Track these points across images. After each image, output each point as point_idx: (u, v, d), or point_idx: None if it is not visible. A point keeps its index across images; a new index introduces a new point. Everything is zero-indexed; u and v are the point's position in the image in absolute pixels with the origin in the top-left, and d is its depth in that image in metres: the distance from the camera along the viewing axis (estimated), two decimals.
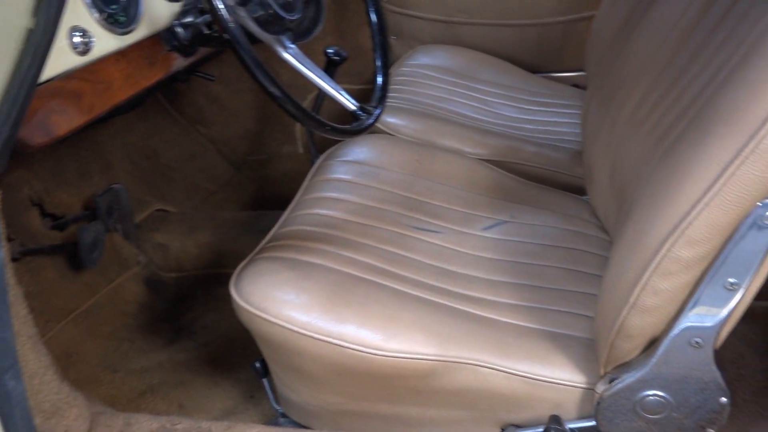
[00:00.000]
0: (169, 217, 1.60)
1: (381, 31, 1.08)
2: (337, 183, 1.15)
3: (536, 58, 1.83)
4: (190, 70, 1.36)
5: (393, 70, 1.63)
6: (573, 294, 0.96)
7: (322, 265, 0.93)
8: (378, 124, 1.35)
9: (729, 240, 0.64)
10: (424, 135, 1.33)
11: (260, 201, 1.84)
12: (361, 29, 1.93)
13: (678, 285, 0.67)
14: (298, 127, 2.02)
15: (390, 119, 1.35)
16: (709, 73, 0.78)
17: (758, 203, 0.62)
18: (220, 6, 0.71)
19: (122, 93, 0.92)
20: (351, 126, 0.93)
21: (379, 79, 1.05)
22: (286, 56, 0.96)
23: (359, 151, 1.22)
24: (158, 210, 1.63)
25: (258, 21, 0.90)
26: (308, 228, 1.03)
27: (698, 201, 0.62)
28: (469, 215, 1.12)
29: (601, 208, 1.10)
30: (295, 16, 0.93)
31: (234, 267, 0.96)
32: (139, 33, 0.94)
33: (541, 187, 1.22)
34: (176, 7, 0.97)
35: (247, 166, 1.95)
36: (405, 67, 1.63)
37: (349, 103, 0.99)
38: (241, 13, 0.87)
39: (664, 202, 0.66)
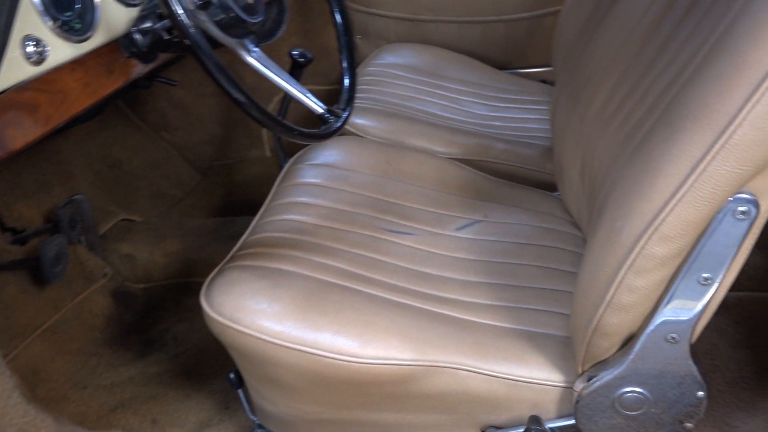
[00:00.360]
0: (134, 226, 1.56)
1: (346, 31, 1.06)
2: (307, 187, 1.13)
3: (503, 55, 1.83)
4: (151, 76, 1.33)
5: (359, 70, 1.62)
6: (548, 292, 0.96)
7: (295, 272, 0.91)
8: (346, 126, 1.33)
9: (702, 235, 0.64)
10: (393, 135, 1.31)
11: (229, 207, 1.81)
12: (326, 29, 1.91)
13: (653, 282, 0.67)
14: (264, 130, 2.00)
15: (358, 120, 1.34)
16: (675, 68, 0.78)
17: (730, 198, 0.62)
18: (179, 11, 0.69)
19: (80, 103, 0.89)
20: (319, 130, 0.91)
21: (346, 81, 1.03)
22: (250, 60, 0.94)
23: (328, 153, 1.21)
24: (123, 220, 1.59)
25: (219, 25, 0.87)
26: (279, 234, 1.01)
27: (671, 197, 0.62)
28: (442, 216, 1.12)
29: (573, 205, 1.10)
30: (257, 19, 0.91)
31: (204, 275, 0.94)
32: (96, 40, 0.91)
33: (512, 184, 1.22)
34: (134, 12, 0.94)
35: (214, 171, 1.92)
36: (371, 67, 1.61)
37: (317, 107, 0.97)
38: (202, 17, 0.85)
39: (637, 199, 0.66)
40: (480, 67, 1.68)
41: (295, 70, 1.21)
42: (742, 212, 0.63)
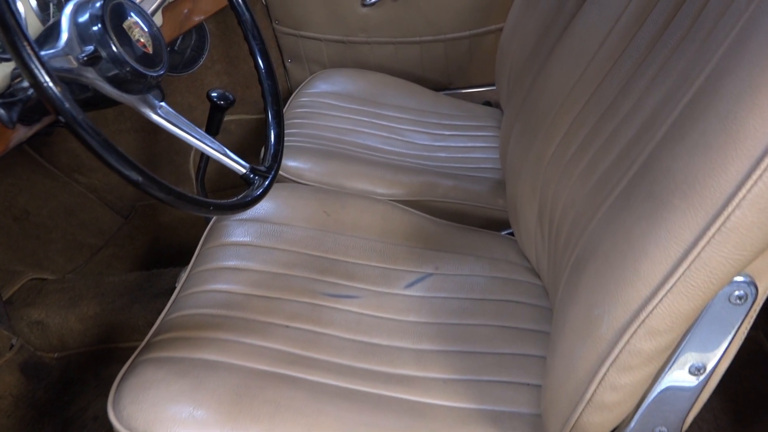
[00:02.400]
0: (45, 287, 1.39)
1: (270, 75, 0.93)
2: (235, 248, 1.00)
3: (443, 75, 1.74)
4: (50, 125, 1.16)
5: (290, 101, 1.49)
6: (510, 358, 0.86)
7: (221, 363, 0.78)
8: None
9: (694, 324, 0.55)
10: (331, 178, 1.19)
11: (155, 254, 1.65)
12: None
13: (639, 378, 0.57)
14: (192, 164, 1.84)
15: (291, 163, 1.21)
16: (644, 116, 0.69)
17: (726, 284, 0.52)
18: (45, 81, 0.55)
19: None
20: (239, 199, 0.78)
21: (272, 134, 0.90)
22: (155, 118, 0.80)
23: (259, 205, 1.08)
24: (32, 279, 1.41)
25: (113, 81, 0.73)
26: (202, 311, 0.88)
27: (659, 287, 0.52)
28: (389, 271, 1.00)
29: (530, 251, 1.01)
30: (159, 71, 0.77)
31: (125, 340, 0.80)
32: None
33: (462, 228, 1.12)
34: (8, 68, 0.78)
35: (138, 213, 1.75)
36: (304, 97, 1.49)
37: (238, 166, 0.84)
38: (89, 74, 0.71)
39: (617, 284, 0.56)
40: (420, 91, 1.58)
41: (215, 115, 1.08)
42: (739, 297, 0.54)
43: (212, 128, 1.14)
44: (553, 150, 0.90)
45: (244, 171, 0.84)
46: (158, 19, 1.15)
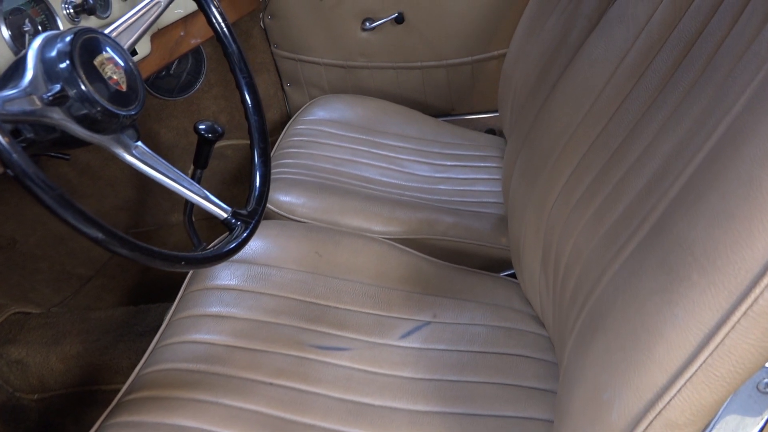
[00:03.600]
0: (29, 321, 1.33)
1: (257, 111, 0.88)
2: (219, 293, 0.94)
3: (445, 101, 1.69)
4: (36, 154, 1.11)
5: (286, 129, 1.44)
6: (513, 422, 0.79)
7: (198, 430, 0.72)
8: (269, 205, 1.15)
9: (717, 414, 0.48)
10: (325, 215, 1.13)
11: (146, 285, 1.59)
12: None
13: None
14: None
15: (283, 198, 1.15)
16: (654, 167, 0.63)
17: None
18: None
19: None
20: (215, 249, 0.73)
21: (258, 174, 0.85)
22: (129, 159, 0.75)
23: (246, 245, 1.02)
24: (16, 313, 1.36)
25: (82, 121, 0.68)
26: (180, 366, 0.82)
27: (677, 376, 0.46)
28: (383, 319, 0.94)
29: (534, 297, 0.94)
30: (134, 111, 0.72)
31: (109, 382, 0.75)
32: None
33: (462, 270, 1.05)
34: None
35: None
36: (300, 125, 1.44)
37: (219, 210, 0.78)
38: (56, 115, 0.66)
39: (629, 366, 0.49)
40: (421, 118, 1.52)
41: (203, 148, 1.02)
42: None
43: (200, 162, 1.08)
44: (557, 193, 0.84)
45: (225, 216, 0.78)
46: (146, 47, 1.11)
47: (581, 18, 0.98)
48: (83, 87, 0.66)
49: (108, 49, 0.73)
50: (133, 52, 1.07)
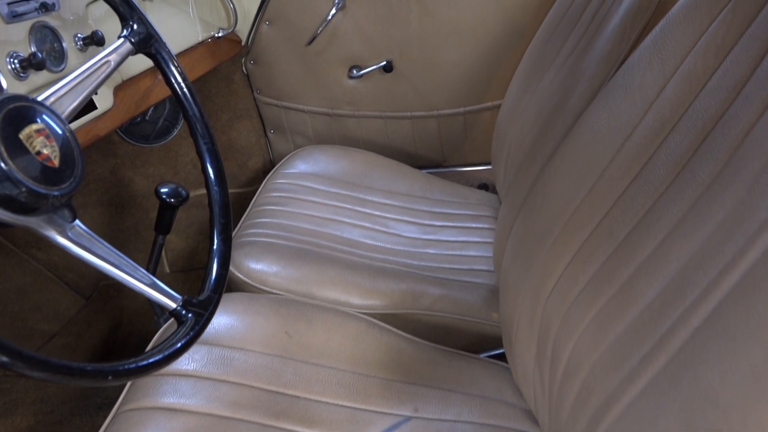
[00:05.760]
0: None
1: (220, 182, 0.78)
2: (174, 380, 0.83)
3: (437, 153, 1.60)
4: None
5: (264, 183, 1.35)
6: None
7: None
8: (238, 273, 1.05)
9: None
10: (299, 286, 1.03)
11: (113, 344, 1.48)
12: (234, 124, 1.64)
13: None
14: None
15: (254, 265, 1.05)
16: (667, 274, 0.53)
17: None
18: None
19: None
20: (152, 352, 0.62)
21: (216, 256, 0.75)
22: (63, 242, 0.65)
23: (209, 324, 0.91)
24: None
25: (5, 203, 0.58)
26: None
27: None
28: (359, 414, 0.84)
29: (528, 391, 0.84)
30: (67, 189, 0.62)
31: None
32: None
33: (449, 353, 0.95)
34: None
35: (101, 294, 1.59)
36: (280, 179, 1.34)
37: (168, 300, 0.68)
38: None
39: None
40: (410, 173, 1.43)
41: (165, 214, 0.93)
42: None
43: (161, 227, 0.99)
44: (554, 281, 0.74)
45: (174, 306, 0.68)
46: (108, 101, 1.02)
47: (582, 81, 0.89)
48: (3, 165, 0.57)
49: (45, 116, 0.64)
50: (92, 106, 0.98)
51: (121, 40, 0.78)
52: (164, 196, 0.92)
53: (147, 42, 0.80)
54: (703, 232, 0.52)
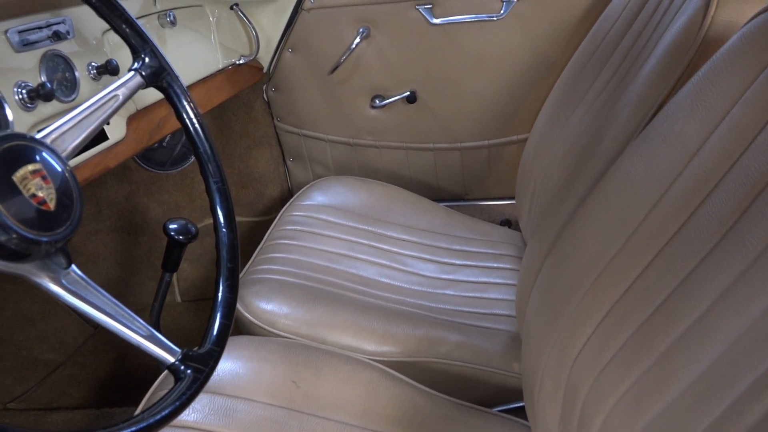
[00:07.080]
0: None
1: (229, 224, 0.74)
2: None
3: (459, 186, 1.55)
4: None
5: (280, 216, 1.31)
6: None
7: None
8: (246, 314, 1.01)
9: None
10: (310, 329, 0.99)
11: (119, 376, 1.44)
12: (252, 151, 1.61)
13: None
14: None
15: (264, 306, 1.01)
16: (714, 350, 0.47)
17: None
18: None
19: None
20: (141, 418, 0.58)
21: (220, 306, 0.70)
22: (56, 290, 0.61)
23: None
24: None
25: None
26: None
27: None
28: None
29: None
30: (61, 234, 0.58)
31: None
32: None
33: (465, 408, 0.89)
34: None
35: None
36: (297, 210, 1.30)
37: (166, 354, 0.64)
38: None
39: None
40: (431, 207, 1.38)
41: (173, 251, 0.89)
42: None
43: (168, 265, 0.95)
44: (583, 342, 0.68)
45: (171, 360, 0.64)
46: (120, 131, 0.99)
47: (615, 124, 0.84)
48: None
49: (45, 153, 0.61)
50: (103, 137, 0.95)
51: (132, 73, 0.74)
52: (172, 233, 0.88)
53: (159, 75, 0.76)
54: (754, 309, 0.46)
